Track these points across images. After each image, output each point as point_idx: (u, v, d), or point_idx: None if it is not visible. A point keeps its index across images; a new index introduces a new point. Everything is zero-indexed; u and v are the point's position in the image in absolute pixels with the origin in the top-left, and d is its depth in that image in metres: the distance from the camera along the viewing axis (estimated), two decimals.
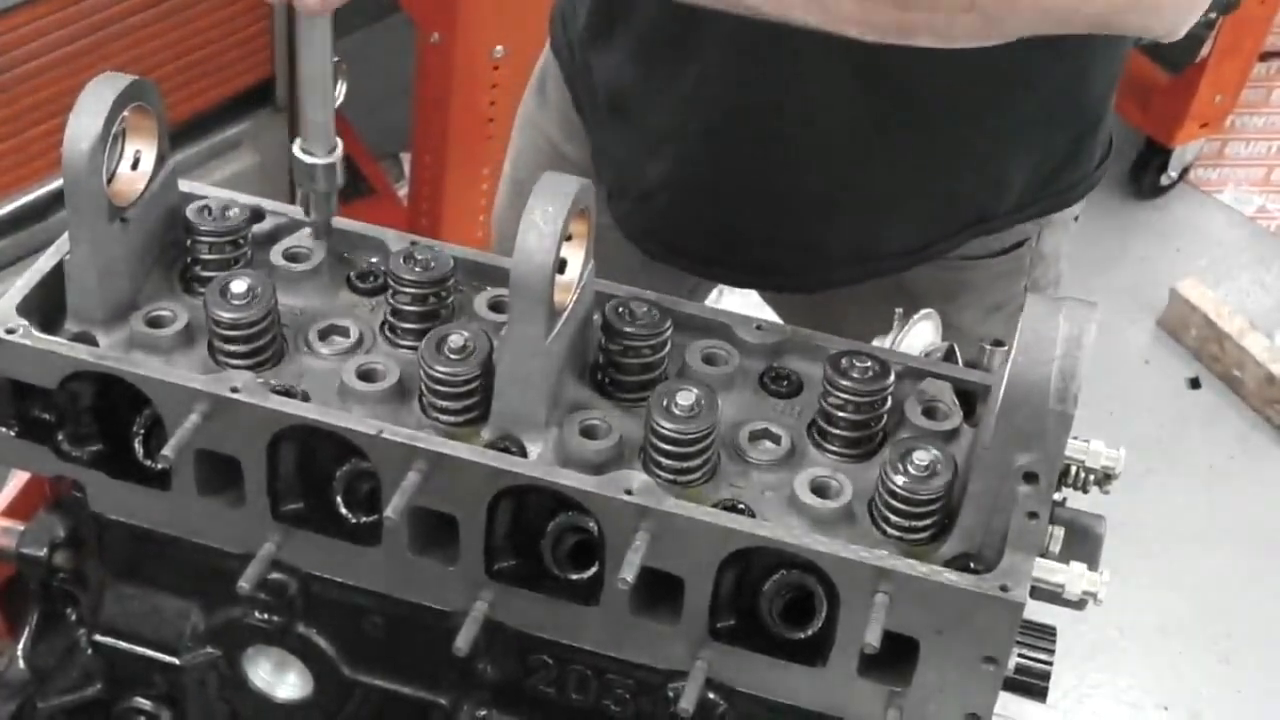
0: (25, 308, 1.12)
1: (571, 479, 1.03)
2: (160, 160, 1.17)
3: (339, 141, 1.22)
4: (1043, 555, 1.02)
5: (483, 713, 1.16)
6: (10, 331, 1.10)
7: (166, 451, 1.04)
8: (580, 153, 1.73)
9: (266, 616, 1.17)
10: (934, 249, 1.61)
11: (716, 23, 1.43)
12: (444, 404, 1.08)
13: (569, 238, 1.07)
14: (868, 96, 1.47)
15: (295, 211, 1.24)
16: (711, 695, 1.08)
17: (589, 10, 1.62)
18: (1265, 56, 4.15)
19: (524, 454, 1.07)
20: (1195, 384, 3.82)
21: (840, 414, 1.09)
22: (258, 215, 1.23)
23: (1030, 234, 1.66)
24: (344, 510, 1.11)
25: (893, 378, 1.10)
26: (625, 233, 1.68)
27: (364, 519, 1.11)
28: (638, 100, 1.60)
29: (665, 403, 1.05)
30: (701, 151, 1.58)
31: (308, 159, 1.20)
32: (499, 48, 2.80)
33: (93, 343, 1.12)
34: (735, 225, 1.62)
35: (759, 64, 1.47)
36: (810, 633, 1.05)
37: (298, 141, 1.20)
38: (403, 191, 3.24)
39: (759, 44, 1.45)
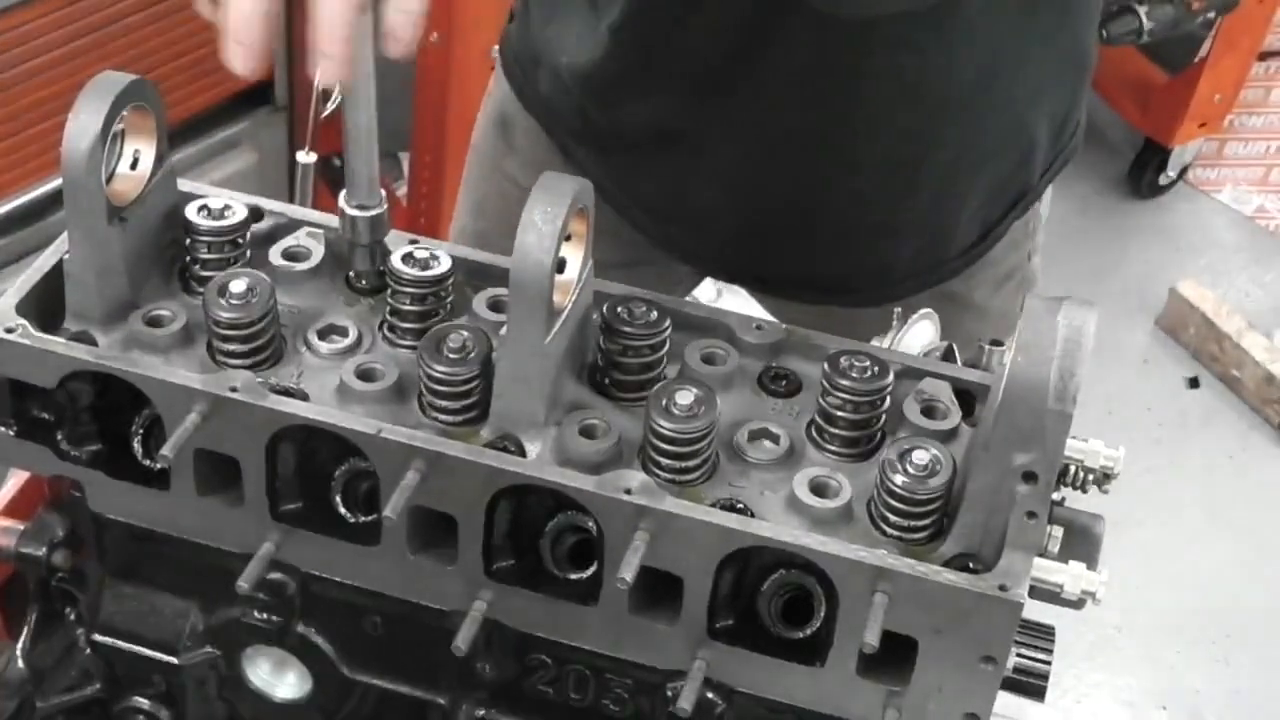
0: (24, 307, 1.12)
1: (570, 479, 1.03)
2: (159, 160, 1.17)
3: (383, 194, 1.19)
4: (1041, 555, 1.02)
5: (481, 712, 1.16)
6: (9, 331, 1.10)
7: (165, 451, 1.04)
8: None
9: (265, 616, 1.17)
10: (985, 244, 1.63)
11: (771, 50, 1.44)
12: (443, 403, 1.08)
13: (568, 237, 1.07)
14: (924, 92, 1.48)
15: (294, 211, 1.24)
16: (710, 695, 1.08)
17: (603, 62, 1.57)
18: (1264, 56, 4.15)
19: (523, 454, 1.07)
20: (1194, 383, 3.82)
21: (839, 413, 1.09)
22: (257, 215, 1.23)
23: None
24: (343, 510, 1.11)
25: (891, 377, 1.10)
26: (669, 251, 1.67)
27: (363, 518, 1.11)
28: (690, 130, 1.58)
29: (664, 402, 1.05)
30: (760, 177, 1.57)
31: (350, 211, 1.18)
32: (497, 48, 2.80)
33: (92, 342, 1.12)
34: (798, 247, 1.62)
35: (815, 87, 1.48)
36: (809, 632, 1.05)
37: (342, 194, 1.18)
38: (402, 191, 3.24)
39: (814, 67, 1.45)
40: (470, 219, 1.87)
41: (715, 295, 2.79)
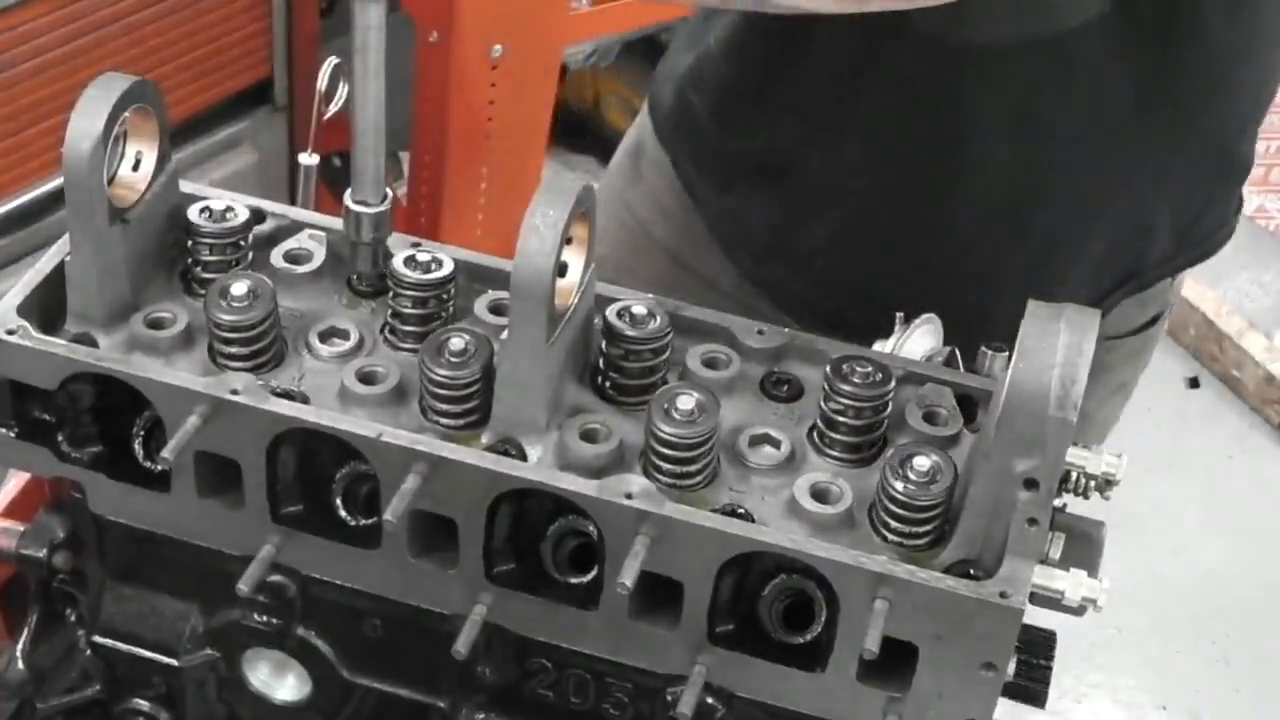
0: (25, 308, 1.12)
1: (571, 483, 1.03)
2: (161, 161, 1.17)
3: (389, 192, 1.19)
4: (1043, 562, 1.02)
5: (481, 716, 1.16)
6: (10, 332, 1.10)
7: (166, 453, 1.04)
8: (670, 234, 1.72)
9: (266, 619, 1.17)
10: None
11: (882, 80, 1.43)
12: (444, 407, 1.08)
13: (569, 241, 1.07)
14: (1025, 146, 1.46)
15: (297, 213, 1.24)
16: (710, 700, 1.08)
17: (726, 78, 1.59)
18: None
19: (524, 457, 1.07)
20: (1194, 384, 3.82)
21: (841, 419, 1.09)
22: (259, 217, 1.23)
23: (1166, 305, 1.66)
24: (343, 513, 1.11)
25: (894, 383, 1.10)
26: (775, 302, 1.66)
27: (363, 522, 1.11)
28: (799, 161, 1.58)
29: (665, 406, 1.05)
30: (866, 212, 1.56)
31: (356, 208, 1.17)
32: (498, 47, 2.80)
33: (93, 344, 1.12)
34: (895, 290, 1.60)
35: (924, 119, 1.47)
36: (809, 638, 1.05)
37: (348, 192, 1.18)
38: (402, 191, 3.24)
39: (924, 97, 1.44)
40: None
41: None
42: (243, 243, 1.19)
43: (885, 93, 1.46)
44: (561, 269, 1.06)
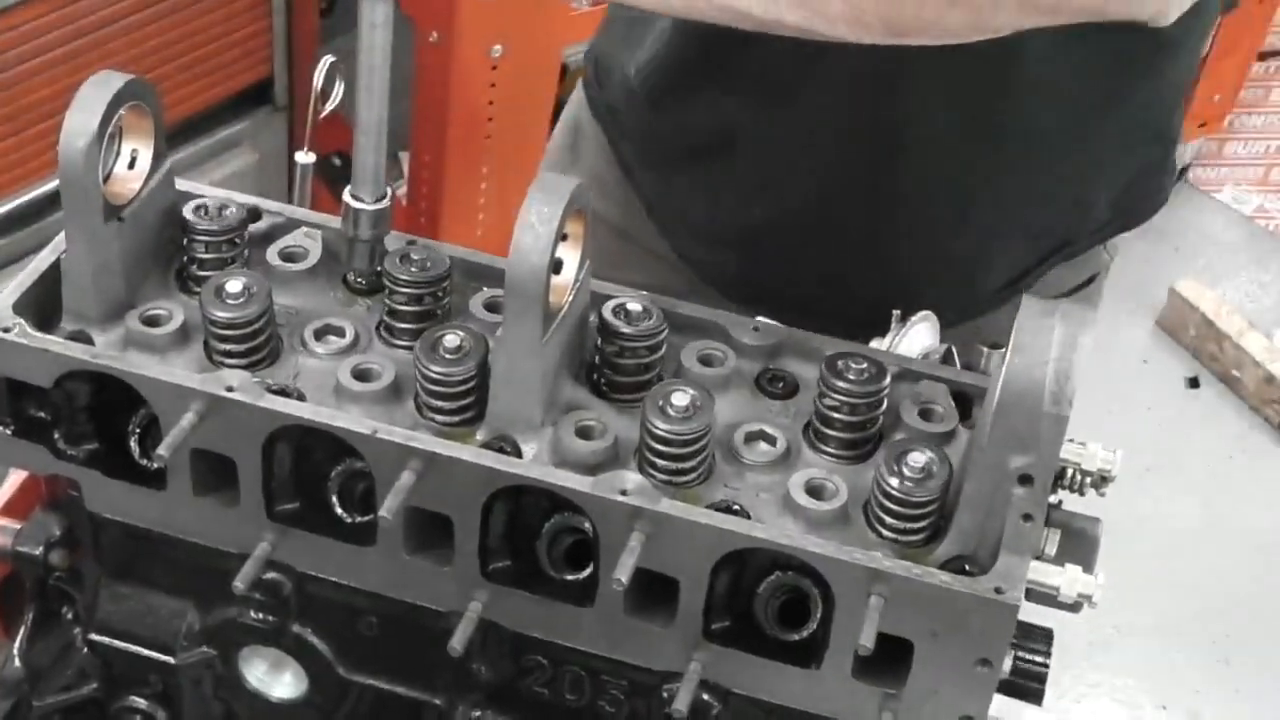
0: (21, 306, 1.12)
1: (566, 479, 1.03)
2: (157, 159, 1.17)
3: (389, 190, 1.18)
4: (1038, 558, 1.02)
5: (477, 713, 1.16)
6: (6, 330, 1.10)
7: (162, 450, 1.04)
8: (613, 210, 1.72)
9: (262, 616, 1.17)
10: (1024, 283, 1.61)
11: (827, 63, 1.43)
12: (439, 404, 1.08)
13: (564, 238, 1.07)
14: (972, 131, 1.47)
15: (292, 211, 1.24)
16: (706, 696, 1.08)
17: (666, 58, 1.58)
18: (1263, 56, 4.15)
19: (519, 454, 1.07)
20: (1194, 383, 3.82)
21: (836, 415, 1.09)
22: (254, 214, 1.23)
23: (1102, 268, 1.66)
24: (339, 510, 1.11)
25: (889, 379, 1.10)
26: (709, 279, 1.66)
27: (359, 519, 1.11)
28: (742, 143, 1.58)
29: (660, 403, 1.05)
30: (810, 194, 1.56)
31: (354, 204, 1.17)
32: (497, 47, 2.81)
33: (88, 341, 1.12)
34: (838, 271, 1.60)
35: (870, 103, 1.47)
36: (805, 634, 1.05)
37: (348, 188, 1.18)
38: (401, 191, 3.24)
39: (869, 82, 1.44)
40: None
41: None
42: (238, 240, 1.19)
43: (826, 78, 1.46)
44: (556, 266, 1.06)
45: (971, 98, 1.43)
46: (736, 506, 1.05)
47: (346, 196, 1.17)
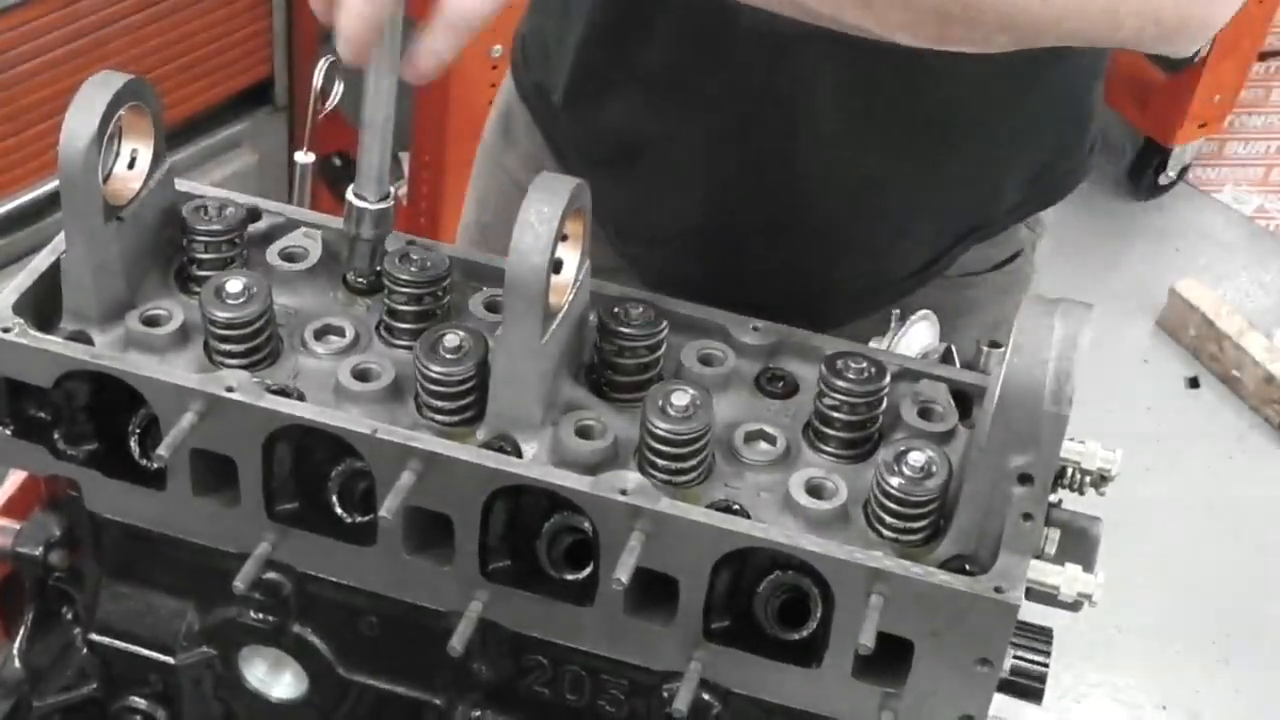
0: (21, 306, 1.12)
1: (566, 479, 1.03)
2: (157, 159, 1.17)
3: (392, 189, 1.18)
4: (1038, 557, 1.02)
5: (477, 713, 1.16)
6: (6, 330, 1.10)
7: (161, 450, 1.04)
8: None
9: (261, 616, 1.17)
10: (937, 266, 1.61)
11: (720, 64, 1.43)
12: (439, 404, 1.08)
13: (564, 238, 1.07)
14: (877, 121, 1.47)
15: (292, 211, 1.24)
16: (706, 696, 1.08)
17: (576, 64, 1.57)
18: (1264, 56, 4.15)
19: (519, 454, 1.07)
20: (1194, 383, 3.82)
21: (836, 415, 1.09)
22: (254, 215, 1.23)
23: (1025, 244, 1.66)
24: (339, 510, 1.11)
25: (888, 379, 1.10)
26: (635, 271, 1.67)
27: (359, 519, 1.11)
28: (648, 149, 1.57)
29: (660, 403, 1.05)
30: (716, 197, 1.56)
31: (358, 203, 1.16)
32: (497, 47, 2.80)
33: (88, 342, 1.12)
34: (749, 267, 1.60)
35: (764, 104, 1.46)
36: (805, 634, 1.05)
37: (351, 187, 1.17)
38: (401, 191, 3.24)
39: (763, 81, 1.44)
40: (475, 213, 1.87)
41: None
42: (238, 240, 1.19)
43: (725, 77, 1.45)
44: (556, 265, 1.06)
45: (875, 86, 1.42)
46: (736, 506, 1.05)
47: (350, 195, 1.17)
